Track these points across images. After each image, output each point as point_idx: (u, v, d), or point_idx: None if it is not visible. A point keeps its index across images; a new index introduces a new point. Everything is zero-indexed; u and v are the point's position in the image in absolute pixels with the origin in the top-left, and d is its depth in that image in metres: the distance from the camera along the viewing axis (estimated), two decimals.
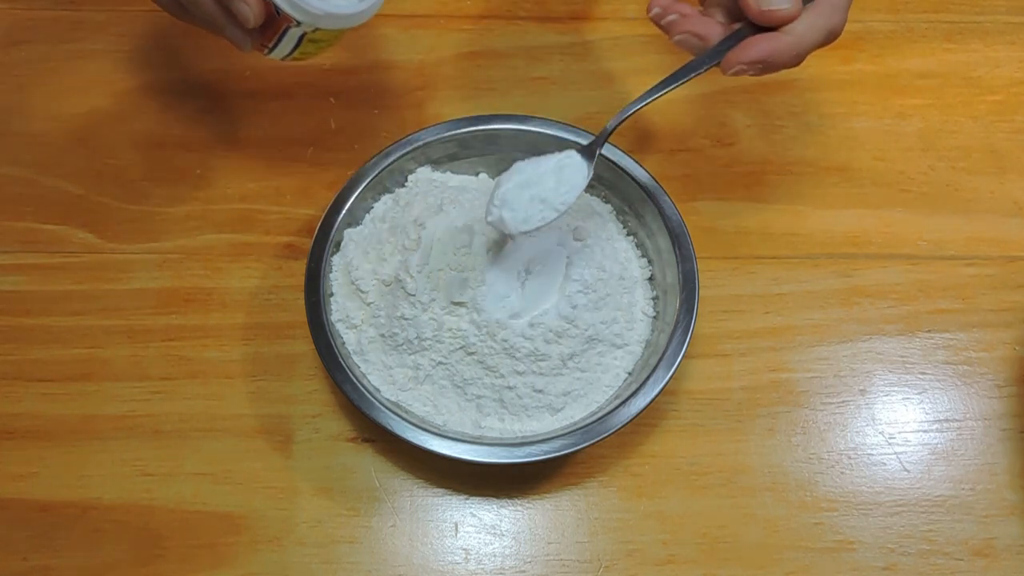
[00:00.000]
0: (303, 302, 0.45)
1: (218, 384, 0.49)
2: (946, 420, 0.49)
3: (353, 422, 0.48)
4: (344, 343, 0.46)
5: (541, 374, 0.45)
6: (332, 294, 0.47)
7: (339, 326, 0.47)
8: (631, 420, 0.43)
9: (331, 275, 0.48)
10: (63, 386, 0.49)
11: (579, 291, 0.46)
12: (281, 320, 0.51)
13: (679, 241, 0.47)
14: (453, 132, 0.50)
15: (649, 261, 0.49)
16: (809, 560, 0.45)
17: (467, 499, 0.47)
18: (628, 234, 0.50)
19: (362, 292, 0.47)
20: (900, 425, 0.49)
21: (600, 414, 0.44)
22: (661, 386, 0.43)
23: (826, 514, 0.46)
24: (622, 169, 0.49)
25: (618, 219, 0.51)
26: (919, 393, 0.49)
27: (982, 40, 0.61)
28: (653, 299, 0.48)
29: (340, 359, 0.44)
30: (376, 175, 0.49)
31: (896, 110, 0.58)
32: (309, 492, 0.46)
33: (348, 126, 0.57)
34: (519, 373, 0.44)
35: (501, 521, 0.46)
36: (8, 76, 0.58)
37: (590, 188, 0.51)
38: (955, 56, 0.60)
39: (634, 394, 0.43)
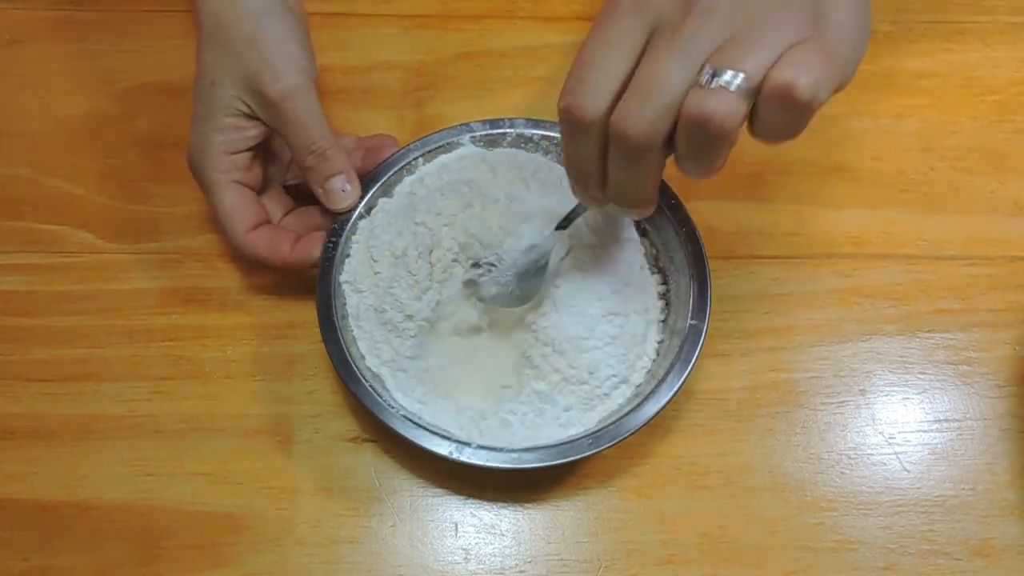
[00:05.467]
0: (303, 302, 0.45)
1: (218, 384, 0.49)
2: (946, 420, 0.49)
3: (353, 422, 0.48)
4: (345, 303, 0.47)
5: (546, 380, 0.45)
6: (349, 255, 0.48)
7: (345, 287, 0.47)
8: (637, 430, 0.43)
9: (354, 237, 0.48)
10: (63, 386, 0.49)
11: (595, 300, 0.46)
12: (281, 320, 0.51)
13: (692, 250, 0.47)
14: (527, 130, 0.50)
15: (661, 271, 0.49)
16: (809, 560, 0.45)
17: (467, 499, 0.47)
18: (641, 236, 0.50)
19: (374, 260, 0.47)
20: (900, 425, 0.49)
21: (607, 421, 0.43)
22: (670, 396, 0.43)
23: (826, 514, 0.46)
24: None
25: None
26: (919, 393, 0.49)
27: (982, 40, 0.61)
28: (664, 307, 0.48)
29: (335, 320, 0.45)
30: (426, 151, 0.49)
31: (896, 110, 0.58)
32: (309, 492, 0.46)
33: (348, 126, 0.56)
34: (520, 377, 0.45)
35: (501, 521, 0.46)
36: (8, 76, 0.58)
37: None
38: (955, 56, 0.60)
39: (639, 405, 0.43)
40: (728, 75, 0.32)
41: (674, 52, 0.33)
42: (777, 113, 0.32)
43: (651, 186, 0.37)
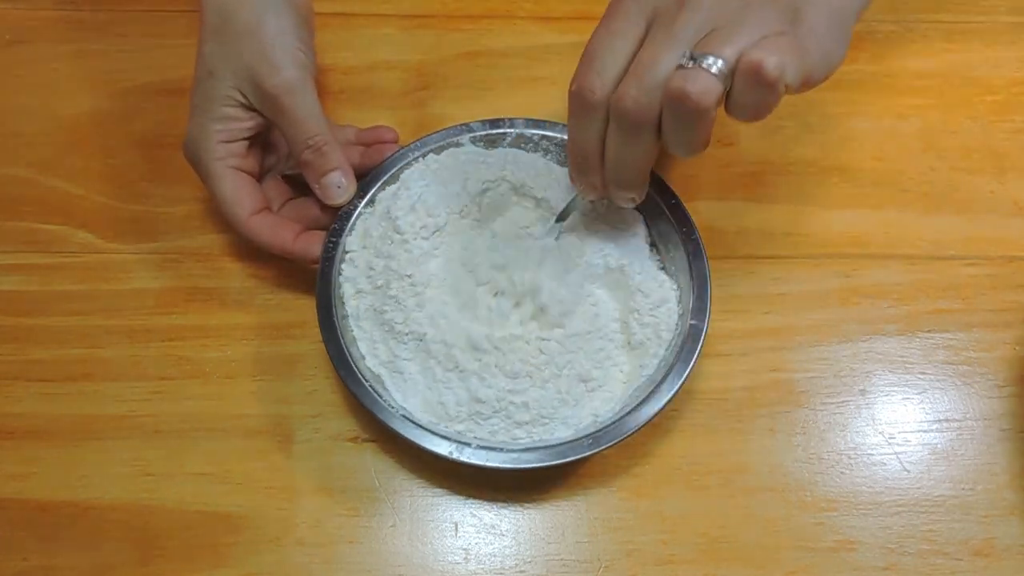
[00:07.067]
0: (303, 302, 0.45)
1: (218, 384, 0.49)
2: (946, 420, 0.49)
3: (353, 422, 0.48)
4: (345, 303, 0.47)
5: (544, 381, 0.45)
6: (349, 255, 0.48)
7: (345, 287, 0.47)
8: (637, 430, 0.43)
9: (354, 237, 0.48)
10: (63, 386, 0.49)
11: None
12: (281, 320, 0.51)
13: (692, 250, 0.47)
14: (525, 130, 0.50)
15: (661, 271, 0.49)
16: (809, 560, 0.45)
17: (467, 499, 0.47)
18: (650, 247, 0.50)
19: (374, 260, 0.47)
20: (900, 425, 0.49)
21: (607, 421, 0.43)
22: (670, 396, 0.43)
23: (826, 514, 0.46)
24: None
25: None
26: (919, 393, 0.49)
27: (982, 40, 0.61)
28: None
29: (335, 320, 0.45)
30: (425, 151, 0.50)
31: (896, 110, 0.58)
32: (309, 492, 0.46)
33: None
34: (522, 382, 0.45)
35: (501, 521, 0.46)
36: (8, 76, 0.58)
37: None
38: (955, 56, 0.60)
39: (640, 404, 0.43)
40: (708, 59, 0.37)
41: (666, 40, 0.38)
42: (748, 90, 0.37)
43: (644, 164, 0.42)
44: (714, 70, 0.36)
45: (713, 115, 0.37)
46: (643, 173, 0.42)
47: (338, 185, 0.47)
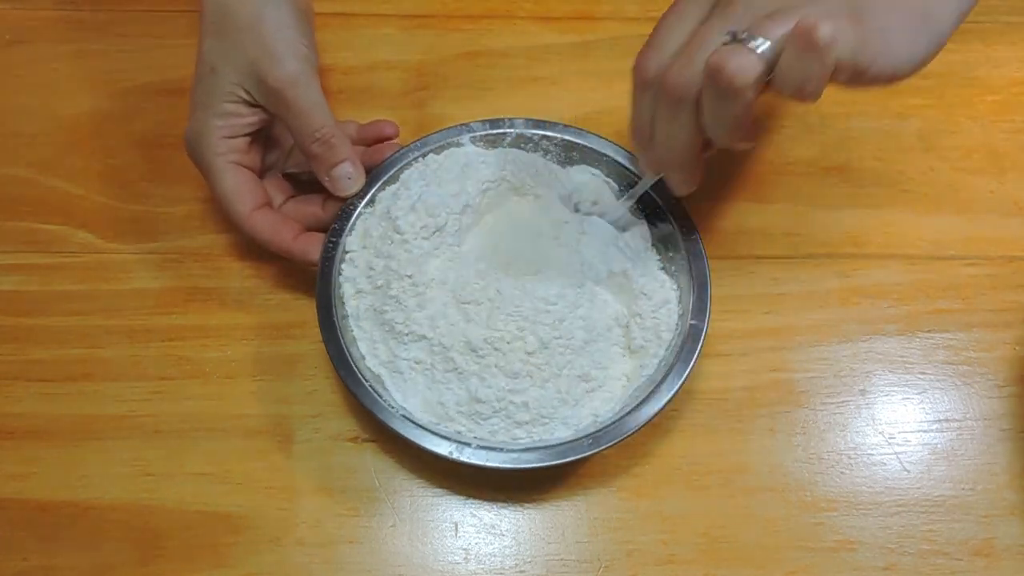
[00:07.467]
0: (303, 302, 0.45)
1: (218, 384, 0.49)
2: (946, 420, 0.49)
3: (353, 422, 0.48)
4: (345, 303, 0.47)
5: (545, 380, 0.45)
6: (349, 255, 0.48)
7: (345, 287, 0.47)
8: (637, 430, 0.43)
9: (354, 237, 0.48)
10: (63, 386, 0.49)
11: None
12: (281, 320, 0.51)
13: (692, 250, 0.47)
14: (529, 131, 0.50)
15: (662, 271, 0.49)
16: (809, 560, 0.45)
17: (467, 499, 0.47)
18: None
19: (374, 260, 0.47)
20: (900, 425, 0.49)
21: (607, 421, 0.43)
22: (670, 396, 0.43)
23: (826, 514, 0.46)
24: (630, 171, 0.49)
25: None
26: (919, 393, 0.49)
27: (982, 40, 0.61)
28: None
29: (335, 320, 0.45)
30: (425, 151, 0.50)
31: (896, 110, 0.58)
32: (309, 492, 0.46)
33: None
34: (521, 382, 0.45)
35: (501, 521, 0.46)
36: (8, 76, 0.58)
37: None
38: (955, 56, 0.60)
39: (640, 404, 0.43)
40: (756, 40, 0.36)
41: (720, 20, 0.37)
42: (796, 58, 0.35)
43: (685, 144, 0.41)
44: (759, 51, 0.36)
45: (750, 97, 0.36)
46: (685, 153, 0.42)
47: (348, 176, 0.47)
